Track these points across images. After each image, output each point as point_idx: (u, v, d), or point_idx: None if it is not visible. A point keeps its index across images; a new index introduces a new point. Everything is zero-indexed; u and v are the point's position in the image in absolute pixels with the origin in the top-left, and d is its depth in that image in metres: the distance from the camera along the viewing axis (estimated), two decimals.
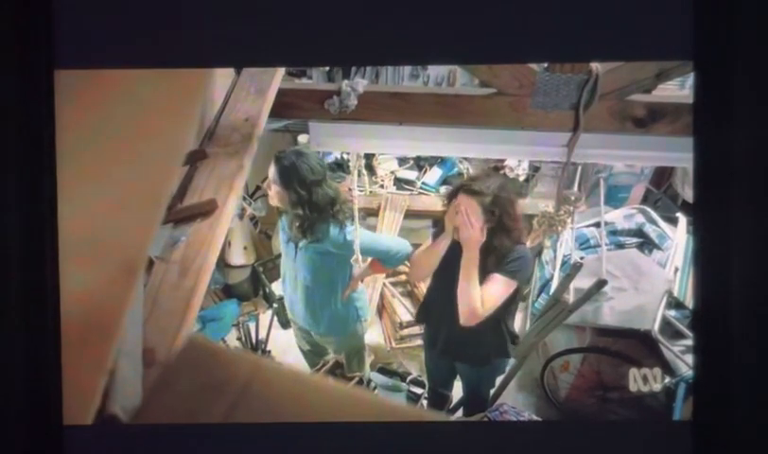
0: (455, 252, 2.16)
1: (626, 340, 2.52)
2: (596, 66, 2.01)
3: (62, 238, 1.54)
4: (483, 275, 2.10)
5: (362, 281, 2.49)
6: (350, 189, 2.25)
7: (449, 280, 2.13)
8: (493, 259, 2.09)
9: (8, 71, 1.63)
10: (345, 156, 2.31)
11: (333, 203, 2.22)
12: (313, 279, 2.35)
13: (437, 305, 2.28)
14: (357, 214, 2.25)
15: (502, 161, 3.13)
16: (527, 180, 3.19)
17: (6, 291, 1.63)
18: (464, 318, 2.09)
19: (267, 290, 3.03)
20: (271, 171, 2.20)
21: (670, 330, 2.50)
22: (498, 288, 2.10)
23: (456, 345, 2.27)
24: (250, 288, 3.09)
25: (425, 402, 2.44)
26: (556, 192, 2.35)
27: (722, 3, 1.60)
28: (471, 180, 2.16)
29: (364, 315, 2.52)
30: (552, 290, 2.41)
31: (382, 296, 2.98)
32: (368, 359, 2.65)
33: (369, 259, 2.38)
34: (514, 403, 2.52)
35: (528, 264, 2.20)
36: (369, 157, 3.23)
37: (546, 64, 2.03)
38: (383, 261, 2.40)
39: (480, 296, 2.08)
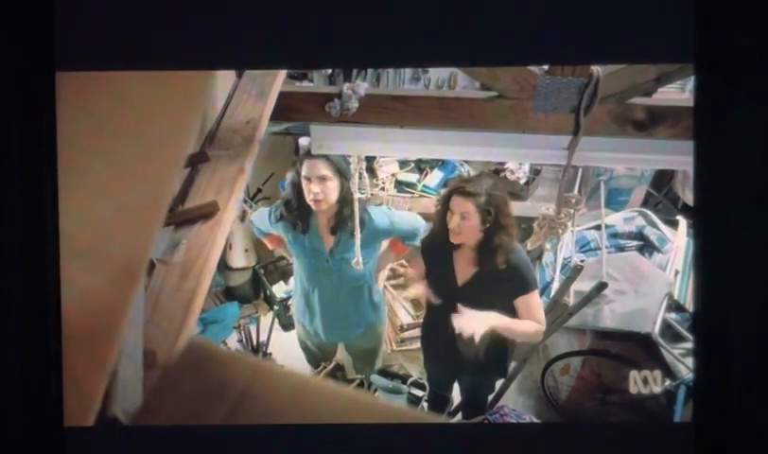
0: (446, 273, 2.20)
1: (626, 342, 2.52)
2: (596, 69, 2.00)
3: (64, 240, 1.53)
4: (506, 303, 2.16)
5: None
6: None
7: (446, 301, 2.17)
8: (499, 258, 2.12)
9: (9, 73, 1.64)
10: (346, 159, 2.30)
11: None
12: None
13: (436, 326, 2.29)
14: (357, 218, 2.25)
15: (503, 164, 3.13)
16: (527, 183, 3.19)
17: (7, 293, 1.63)
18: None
19: (268, 293, 3.04)
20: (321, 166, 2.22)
21: (670, 333, 2.50)
22: (533, 303, 2.18)
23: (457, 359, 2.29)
24: (251, 290, 3.10)
25: (425, 404, 2.44)
26: (557, 195, 2.35)
27: (722, 6, 1.60)
28: (464, 182, 2.18)
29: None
30: (553, 293, 2.41)
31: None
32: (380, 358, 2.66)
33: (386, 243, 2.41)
34: (515, 406, 2.52)
35: (530, 267, 2.22)
36: (370, 160, 3.23)
37: (546, 68, 2.03)
38: (406, 239, 2.41)
39: (527, 325, 2.17)
